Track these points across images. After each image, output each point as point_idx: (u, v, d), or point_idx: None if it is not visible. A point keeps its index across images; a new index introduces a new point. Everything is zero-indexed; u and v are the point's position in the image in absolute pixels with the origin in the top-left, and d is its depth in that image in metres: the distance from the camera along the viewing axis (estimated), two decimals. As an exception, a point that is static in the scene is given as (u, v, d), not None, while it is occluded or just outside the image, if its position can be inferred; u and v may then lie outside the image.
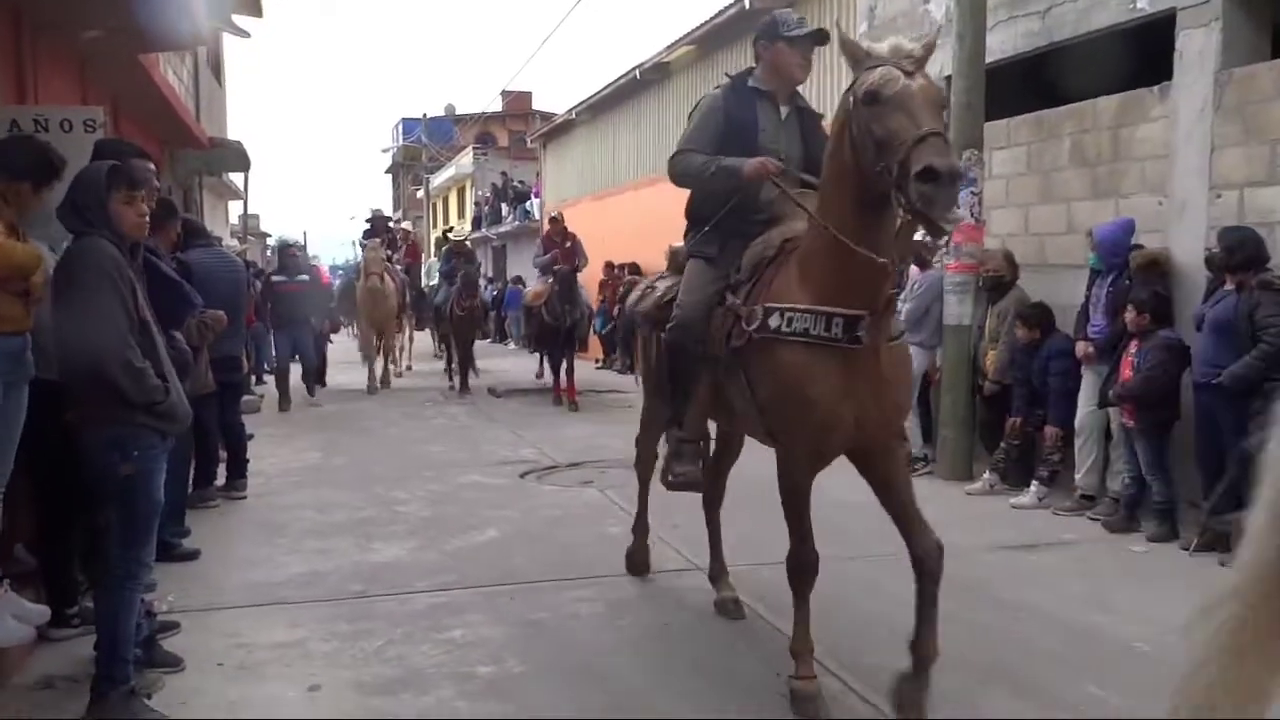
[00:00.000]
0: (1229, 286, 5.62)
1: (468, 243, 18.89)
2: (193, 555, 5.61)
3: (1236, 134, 6.09)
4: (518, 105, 38.03)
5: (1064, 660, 4.16)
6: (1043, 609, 4.77)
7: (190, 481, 6.51)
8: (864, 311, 3.38)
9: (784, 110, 4.16)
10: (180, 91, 11.71)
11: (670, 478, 4.38)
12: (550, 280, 12.35)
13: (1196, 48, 6.33)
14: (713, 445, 4.68)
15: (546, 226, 13.42)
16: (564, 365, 12.39)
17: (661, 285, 4.63)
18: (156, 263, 4.26)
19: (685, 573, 5.36)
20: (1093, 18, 7.11)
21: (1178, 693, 1.99)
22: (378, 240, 14.06)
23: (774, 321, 3.55)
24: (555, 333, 12.26)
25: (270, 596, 5.03)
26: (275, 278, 12.02)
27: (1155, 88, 6.69)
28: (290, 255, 12.42)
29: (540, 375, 13.92)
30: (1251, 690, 1.89)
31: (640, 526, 5.33)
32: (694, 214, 4.29)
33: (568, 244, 12.90)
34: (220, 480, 7.17)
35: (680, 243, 4.51)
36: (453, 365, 14.34)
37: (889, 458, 3.68)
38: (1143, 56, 6.90)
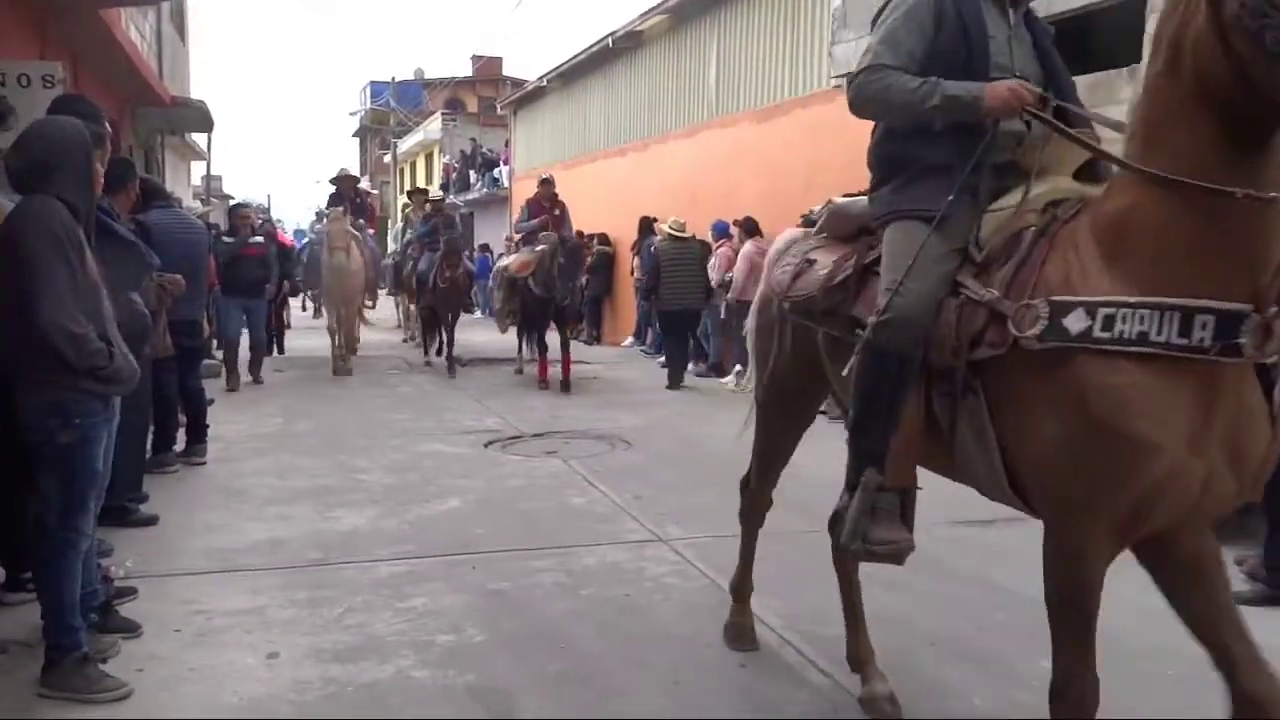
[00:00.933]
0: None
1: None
2: (151, 521, 5.56)
3: (1202, 117, 6.14)
4: (488, 71, 37.67)
5: (1018, 633, 4.21)
6: (999, 583, 4.84)
7: (149, 446, 6.44)
8: (1247, 305, 2.24)
9: (1012, 16, 3.00)
10: (142, 48, 11.48)
11: (865, 545, 2.89)
12: (539, 249, 10.92)
13: (1165, 30, 6.37)
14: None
15: (536, 189, 12.04)
16: (541, 342, 11.40)
17: (825, 260, 3.30)
18: (111, 224, 4.18)
19: (647, 544, 5.38)
20: (1064, -2, 7.13)
21: None
22: (340, 209, 12.50)
23: (1075, 323, 2.37)
24: (544, 307, 11.05)
25: (230, 563, 4.99)
26: (225, 239, 10.97)
27: (1125, 69, 6.73)
28: (241, 218, 11.32)
29: (520, 370, 12.35)
30: None
31: (742, 585, 4.08)
32: (891, 157, 3.02)
33: (557, 211, 11.61)
34: (180, 445, 7.10)
35: (841, 196, 3.46)
36: (429, 340, 13.20)
37: (1203, 535, 2.54)
38: (1116, 38, 6.94)
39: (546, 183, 11.84)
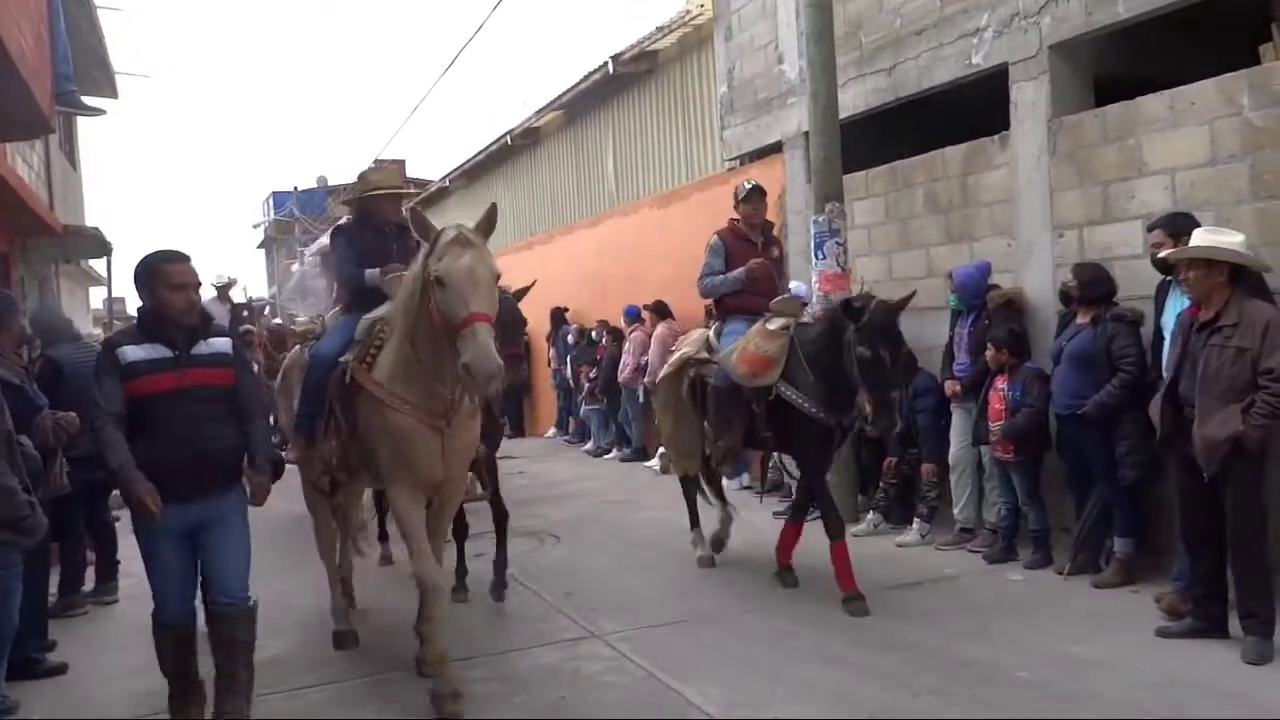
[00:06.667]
0: (1082, 320, 5.91)
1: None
2: (60, 669, 5.28)
3: (1071, 177, 6.49)
4: (391, 174, 37.79)
5: (945, 695, 4.27)
6: (928, 645, 4.90)
7: (54, 589, 6.17)
8: None
9: None
10: (31, 179, 11.28)
11: None
12: (773, 327, 5.91)
13: (1029, 99, 6.75)
14: None
15: (735, 210, 6.62)
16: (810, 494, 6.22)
17: None
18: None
19: (581, 641, 5.31)
20: (934, 73, 7.51)
21: None
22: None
23: None
24: (824, 434, 5.89)
25: (153, 707, 4.76)
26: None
27: (996, 137, 7.09)
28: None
29: (708, 556, 6.80)
30: None
31: None
32: None
33: (776, 251, 6.71)
34: (89, 585, 6.80)
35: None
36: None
37: None
38: (985, 108, 7.31)
39: (755, 196, 6.51)
